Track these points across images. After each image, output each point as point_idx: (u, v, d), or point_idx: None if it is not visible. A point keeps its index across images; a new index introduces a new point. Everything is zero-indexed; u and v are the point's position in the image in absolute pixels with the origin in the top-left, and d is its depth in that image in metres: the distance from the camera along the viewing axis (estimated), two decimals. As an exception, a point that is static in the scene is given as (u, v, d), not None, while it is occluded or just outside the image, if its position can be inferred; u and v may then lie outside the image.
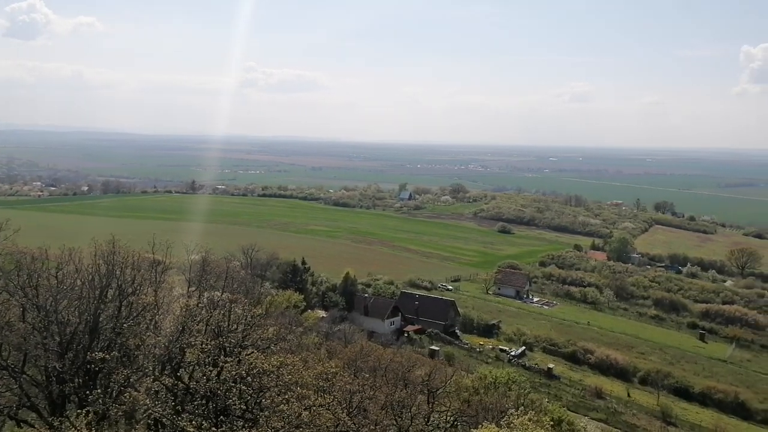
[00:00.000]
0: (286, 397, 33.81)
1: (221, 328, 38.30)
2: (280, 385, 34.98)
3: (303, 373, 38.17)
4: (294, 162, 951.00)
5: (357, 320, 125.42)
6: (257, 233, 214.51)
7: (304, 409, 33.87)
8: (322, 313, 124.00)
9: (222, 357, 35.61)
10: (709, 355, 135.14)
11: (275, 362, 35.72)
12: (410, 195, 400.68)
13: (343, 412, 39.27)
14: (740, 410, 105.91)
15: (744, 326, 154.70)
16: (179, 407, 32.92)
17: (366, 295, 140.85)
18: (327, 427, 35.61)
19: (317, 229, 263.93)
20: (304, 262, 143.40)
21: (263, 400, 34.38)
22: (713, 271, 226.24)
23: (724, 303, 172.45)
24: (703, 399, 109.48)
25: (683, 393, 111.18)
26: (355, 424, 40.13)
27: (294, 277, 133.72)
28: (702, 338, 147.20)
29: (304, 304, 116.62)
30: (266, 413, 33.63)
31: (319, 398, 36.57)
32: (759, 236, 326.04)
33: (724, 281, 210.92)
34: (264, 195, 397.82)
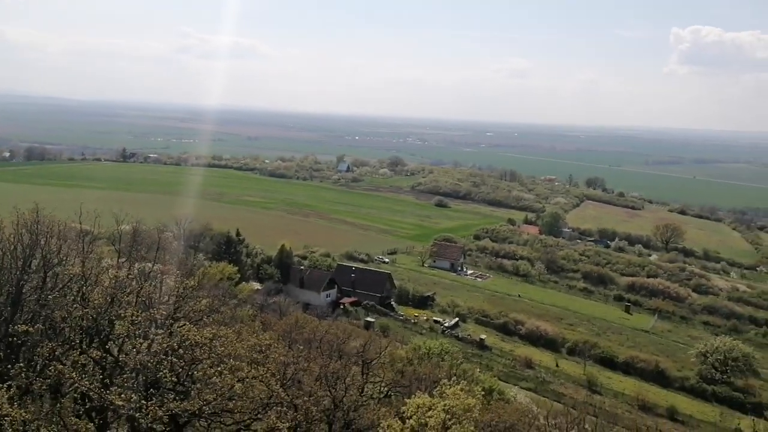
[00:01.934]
0: (219, 369, 33.39)
1: (152, 300, 37.44)
2: (212, 357, 34.50)
3: (236, 345, 37.69)
4: (229, 131, 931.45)
5: (292, 292, 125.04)
6: (190, 203, 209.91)
7: (237, 381, 33.55)
8: (256, 286, 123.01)
9: (153, 329, 34.85)
10: (634, 326, 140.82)
11: (208, 334, 35.17)
12: (348, 167, 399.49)
13: (277, 384, 39.11)
14: (660, 378, 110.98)
15: (666, 299, 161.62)
16: (107, 380, 32.12)
17: (302, 267, 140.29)
18: (260, 398, 35.44)
19: (252, 200, 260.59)
20: (238, 234, 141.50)
21: (195, 373, 33.90)
22: (639, 245, 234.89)
23: (648, 276, 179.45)
24: (627, 368, 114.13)
25: (608, 362, 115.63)
26: (289, 396, 40.08)
27: (228, 248, 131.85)
28: (627, 310, 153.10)
29: (239, 276, 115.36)
30: (198, 385, 33.20)
31: (253, 370, 36.25)
32: (683, 212, 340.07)
33: (650, 255, 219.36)
34: (198, 164, 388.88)
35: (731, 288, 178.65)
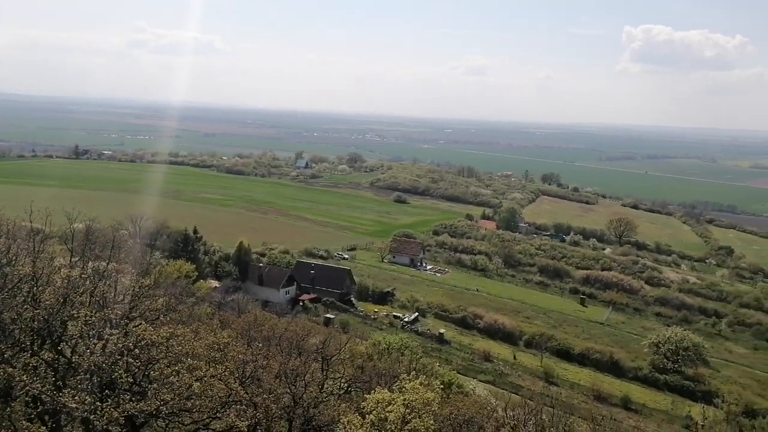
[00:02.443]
0: (176, 368, 33.00)
1: (107, 300, 36.77)
2: (169, 356, 34.07)
3: (194, 344, 37.29)
4: (186, 128, 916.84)
5: (251, 290, 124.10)
6: (146, 201, 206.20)
7: (195, 380, 33.21)
8: (214, 283, 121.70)
9: (108, 329, 34.24)
10: (589, 319, 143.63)
11: (165, 333, 34.70)
12: (307, 163, 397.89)
13: (235, 382, 38.86)
14: (614, 369, 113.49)
15: (620, 291, 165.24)
16: (60, 383, 31.46)
17: (261, 264, 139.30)
18: (219, 397, 35.15)
19: (210, 198, 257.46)
20: (196, 231, 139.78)
21: (152, 373, 33.40)
22: (594, 239, 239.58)
23: (602, 269, 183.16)
24: (582, 359, 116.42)
25: (564, 354, 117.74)
26: (248, 394, 39.83)
27: (185, 246, 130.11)
28: (582, 303, 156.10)
29: (196, 274, 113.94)
30: (155, 385, 32.70)
31: (211, 369, 35.93)
32: (635, 207, 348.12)
33: (604, 249, 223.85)
34: (154, 161, 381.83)
35: (682, 280, 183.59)
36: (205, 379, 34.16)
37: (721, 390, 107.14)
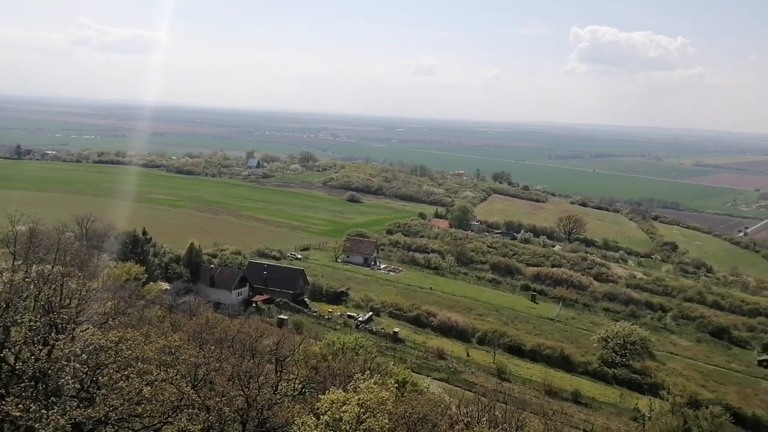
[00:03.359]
0: (126, 373, 32.40)
1: (52, 304, 35.75)
2: (119, 361, 33.41)
3: (144, 348, 36.67)
4: (133, 127, 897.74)
5: (203, 292, 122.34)
6: (93, 202, 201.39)
7: (146, 385, 32.65)
8: (165, 286, 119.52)
9: (53, 334, 33.29)
10: (540, 315, 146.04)
11: (113, 338, 34.00)
12: (258, 163, 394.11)
13: (187, 386, 38.33)
14: (565, 364, 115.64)
15: (570, 287, 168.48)
16: (3, 390, 30.47)
17: (212, 266, 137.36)
18: (171, 401, 34.61)
19: (159, 198, 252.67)
20: (145, 233, 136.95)
21: (100, 378, 32.68)
22: (544, 236, 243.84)
23: (553, 266, 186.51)
24: (534, 355, 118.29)
25: (516, 350, 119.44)
26: (200, 397, 39.32)
27: (134, 248, 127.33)
28: (533, 299, 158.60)
29: (146, 276, 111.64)
30: (104, 391, 32.01)
31: (162, 373, 35.40)
32: (583, 204, 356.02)
33: (553, 246, 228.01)
34: (100, 161, 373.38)
35: (629, 275, 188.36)
36: (156, 383, 33.61)
37: (666, 382, 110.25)
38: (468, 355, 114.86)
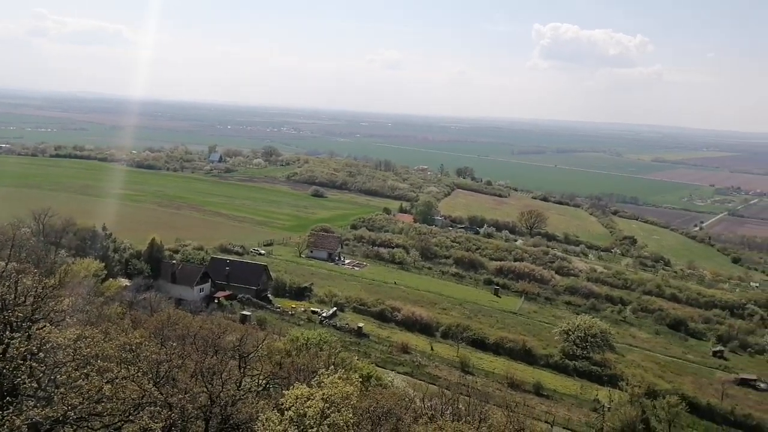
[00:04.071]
0: (85, 371, 31.78)
1: (6, 302, 34.80)
2: (77, 359, 32.75)
3: (104, 345, 36.04)
4: (92, 120, 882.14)
5: (164, 288, 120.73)
6: (50, 197, 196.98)
7: (106, 383, 32.08)
8: (125, 282, 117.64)
9: (8, 333, 32.45)
10: (502, 308, 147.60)
11: (72, 335, 33.35)
12: (221, 157, 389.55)
13: (149, 383, 37.82)
14: (527, 357, 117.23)
15: (532, 281, 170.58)
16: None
17: (174, 261, 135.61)
18: (132, 399, 34.09)
19: (120, 193, 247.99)
20: (104, 228, 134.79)
21: (58, 377, 31.99)
22: (506, 231, 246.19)
23: (515, 260, 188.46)
24: (497, 348, 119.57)
25: (480, 344, 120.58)
26: (162, 395, 38.82)
27: (93, 244, 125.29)
28: (496, 293, 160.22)
29: (106, 272, 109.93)
30: (62, 390, 31.35)
31: (123, 370, 34.84)
32: (545, 199, 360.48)
33: (516, 240, 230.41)
34: (57, 155, 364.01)
35: (589, 269, 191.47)
36: (117, 381, 33.06)
37: (625, 373, 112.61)
38: (432, 349, 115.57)
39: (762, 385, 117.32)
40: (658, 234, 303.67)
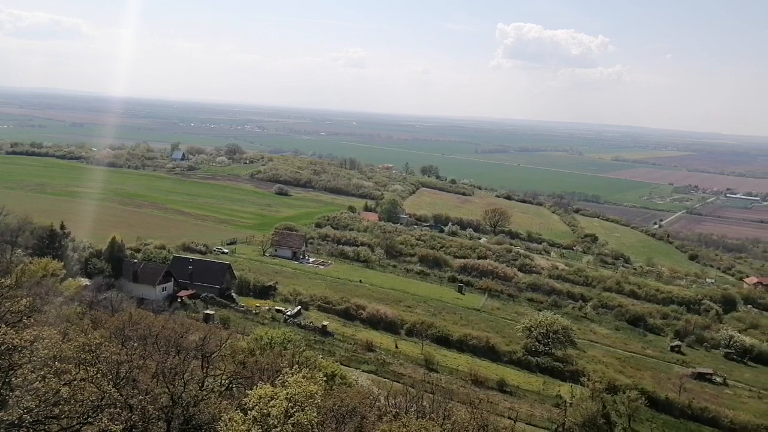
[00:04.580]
0: (42, 373, 31.13)
1: (-40, 303, 33.96)
2: (34, 361, 32.07)
3: (62, 346, 35.43)
4: (50, 116, 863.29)
5: (126, 287, 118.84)
6: (6, 195, 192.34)
7: (64, 385, 31.48)
8: (85, 282, 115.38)
9: (-39, 335, 31.62)
10: (466, 306, 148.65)
11: (28, 336, 32.61)
12: (183, 155, 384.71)
13: (109, 385, 37.21)
14: (491, 353, 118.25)
15: (495, 278, 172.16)
16: None
17: (135, 260, 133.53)
18: (91, 401, 33.51)
19: (79, 191, 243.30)
20: (63, 227, 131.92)
21: (14, 379, 31.30)
22: (470, 229, 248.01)
23: (479, 258, 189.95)
24: (461, 345, 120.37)
25: (444, 341, 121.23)
26: (123, 396, 38.24)
27: (52, 243, 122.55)
28: (460, 290, 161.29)
29: (64, 272, 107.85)
30: (18, 393, 30.69)
31: (82, 372, 34.23)
32: (508, 197, 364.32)
33: (479, 238, 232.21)
34: (14, 152, 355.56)
35: (551, 267, 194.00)
36: (75, 382, 32.47)
37: (587, 369, 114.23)
38: (396, 346, 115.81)
39: (717, 379, 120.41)
40: (619, 232, 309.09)
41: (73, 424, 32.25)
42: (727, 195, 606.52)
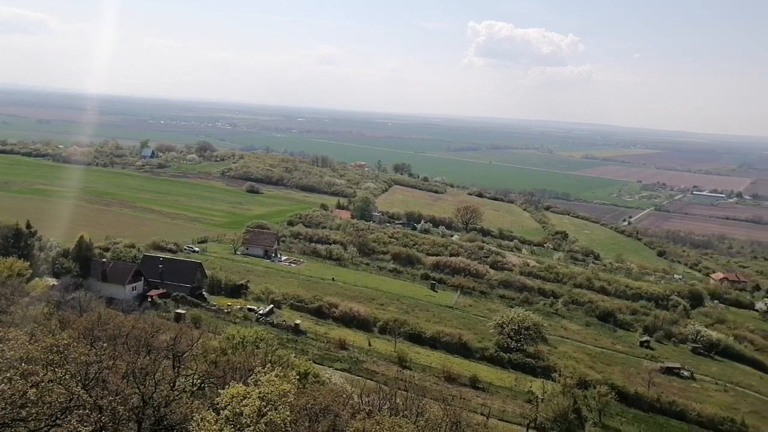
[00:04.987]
0: (8, 375, 30.52)
1: None
2: (0, 363, 31.40)
3: (29, 348, 34.74)
4: (15, 113, 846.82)
5: (94, 287, 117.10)
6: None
7: (31, 387, 30.92)
8: (52, 281, 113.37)
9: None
10: (439, 303, 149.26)
11: (-6, 338, 31.93)
12: (153, 153, 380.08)
13: (77, 386, 36.61)
14: (463, 350, 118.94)
15: (467, 275, 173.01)
16: None
17: (104, 260, 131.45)
18: (59, 403, 32.96)
19: (46, 189, 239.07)
20: (29, 226, 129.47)
21: (-21, 382, 30.62)
22: (443, 227, 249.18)
23: (451, 255, 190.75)
24: (434, 343, 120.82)
25: (417, 338, 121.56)
26: (92, 397, 37.64)
27: (17, 242, 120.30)
28: (433, 288, 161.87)
29: (31, 272, 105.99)
30: (-17, 395, 30.04)
31: (49, 373, 33.62)
32: (480, 195, 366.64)
33: (452, 236, 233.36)
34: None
35: (523, 263, 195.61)
36: (43, 384, 31.91)
37: (558, 365, 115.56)
38: (370, 344, 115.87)
39: (685, 373, 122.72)
40: (589, 228, 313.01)
41: (41, 426, 31.69)
42: (694, 192, 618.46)
